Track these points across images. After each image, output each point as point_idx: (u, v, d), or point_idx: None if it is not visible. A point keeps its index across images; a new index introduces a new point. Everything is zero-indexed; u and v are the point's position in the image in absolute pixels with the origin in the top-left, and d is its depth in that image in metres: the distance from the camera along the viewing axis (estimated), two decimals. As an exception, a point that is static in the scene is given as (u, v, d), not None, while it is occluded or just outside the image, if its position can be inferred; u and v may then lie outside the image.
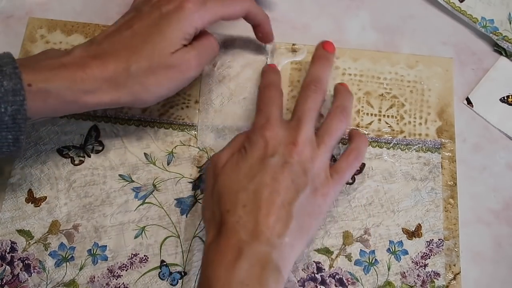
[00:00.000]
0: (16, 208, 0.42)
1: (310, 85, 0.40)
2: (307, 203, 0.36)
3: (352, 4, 0.49)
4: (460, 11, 0.48)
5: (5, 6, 0.49)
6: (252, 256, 0.34)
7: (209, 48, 0.41)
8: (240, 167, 0.37)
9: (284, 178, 0.36)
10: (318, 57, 0.43)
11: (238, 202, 0.35)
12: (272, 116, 0.39)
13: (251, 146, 0.38)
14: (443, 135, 0.44)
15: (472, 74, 0.47)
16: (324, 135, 0.39)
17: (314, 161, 0.37)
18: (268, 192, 0.35)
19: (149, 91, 0.38)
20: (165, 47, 0.37)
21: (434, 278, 0.40)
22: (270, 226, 0.34)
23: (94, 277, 0.40)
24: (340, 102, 0.41)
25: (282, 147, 0.37)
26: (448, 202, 0.42)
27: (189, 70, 0.39)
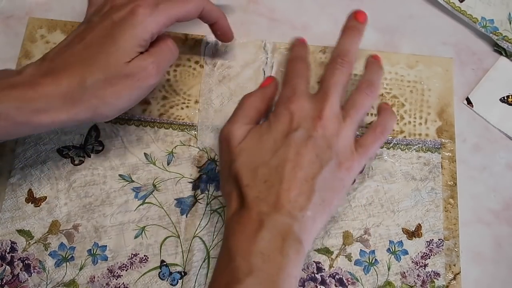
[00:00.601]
0: (16, 208, 0.42)
1: (337, 58, 0.40)
2: (330, 177, 0.36)
3: (352, 4, 0.49)
4: (460, 11, 0.48)
5: (5, 6, 0.49)
6: (274, 228, 0.33)
7: (168, 53, 0.39)
8: (263, 141, 0.37)
9: (308, 152, 0.36)
10: (348, 28, 0.41)
11: (259, 177, 0.35)
12: (298, 88, 0.38)
13: (276, 119, 0.37)
14: (443, 135, 0.44)
15: (472, 74, 0.47)
16: (350, 109, 0.39)
17: (339, 135, 0.37)
18: (291, 167, 0.35)
19: (108, 104, 0.36)
20: (120, 56, 0.36)
21: (434, 278, 0.40)
22: (292, 200, 0.34)
23: (94, 277, 0.40)
24: (368, 76, 0.41)
25: (307, 121, 0.37)
26: (448, 202, 0.42)
27: (148, 78, 0.37)
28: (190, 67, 0.47)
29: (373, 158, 0.43)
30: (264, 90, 0.41)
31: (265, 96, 0.40)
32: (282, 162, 0.35)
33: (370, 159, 0.43)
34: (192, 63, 0.47)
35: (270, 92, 0.41)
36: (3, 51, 0.47)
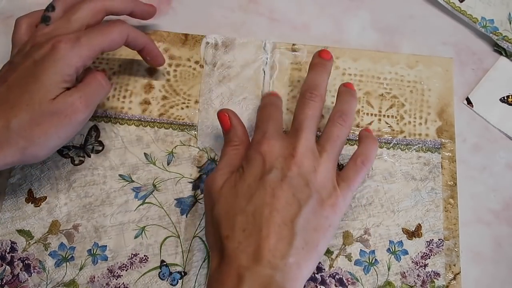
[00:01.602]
0: (16, 208, 0.42)
1: (306, 93, 0.39)
2: (312, 217, 0.34)
3: (352, 4, 0.49)
4: (460, 11, 0.48)
5: (5, 6, 0.49)
6: (254, 282, 0.32)
7: (97, 87, 0.39)
8: (238, 188, 0.35)
9: (283, 193, 0.34)
10: (315, 65, 0.41)
11: (237, 226, 0.34)
12: (268, 130, 0.37)
13: (248, 164, 0.36)
14: (443, 135, 0.44)
15: (472, 74, 0.47)
16: (325, 143, 0.37)
17: (317, 171, 0.36)
18: (268, 212, 0.34)
19: (37, 144, 0.36)
20: (44, 94, 0.35)
21: (434, 278, 0.40)
22: (272, 248, 0.33)
23: (94, 277, 0.40)
24: (339, 106, 0.40)
25: (280, 160, 0.35)
26: (448, 202, 0.42)
27: (75, 113, 0.36)
28: (190, 67, 0.47)
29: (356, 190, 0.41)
30: (238, 133, 0.39)
31: (243, 138, 0.39)
32: (259, 208, 0.34)
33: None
34: (192, 63, 0.47)
35: (243, 133, 0.40)
36: (3, 51, 0.47)
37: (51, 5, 0.40)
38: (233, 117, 0.40)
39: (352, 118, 0.39)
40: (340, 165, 0.43)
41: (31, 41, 0.38)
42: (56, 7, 0.40)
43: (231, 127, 0.39)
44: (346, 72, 0.46)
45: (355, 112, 0.42)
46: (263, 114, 0.39)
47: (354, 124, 0.44)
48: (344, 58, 0.47)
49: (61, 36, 0.37)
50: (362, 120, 0.45)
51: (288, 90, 0.46)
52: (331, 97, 0.45)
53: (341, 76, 0.46)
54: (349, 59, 0.47)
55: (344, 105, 0.40)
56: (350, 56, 0.47)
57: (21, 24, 0.41)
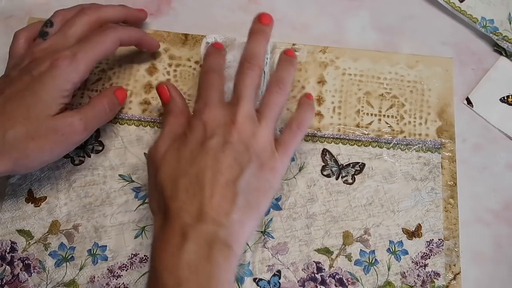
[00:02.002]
0: (16, 208, 0.42)
1: (245, 63, 0.40)
2: (253, 179, 0.36)
3: (352, 4, 0.49)
4: (460, 11, 0.48)
5: (5, 6, 0.49)
6: (198, 238, 0.33)
7: (99, 112, 0.40)
8: (181, 153, 0.36)
9: (225, 157, 0.35)
10: (253, 32, 0.42)
11: (180, 187, 0.35)
12: (209, 99, 0.38)
13: (190, 131, 0.37)
14: (443, 135, 0.44)
15: (472, 74, 0.47)
16: (264, 110, 0.39)
17: (257, 137, 0.37)
18: (211, 173, 0.35)
19: (29, 157, 0.37)
20: (41, 109, 0.37)
21: (434, 278, 0.40)
22: (215, 205, 0.34)
23: (94, 277, 0.40)
24: (278, 74, 0.41)
25: (221, 127, 0.37)
26: (448, 202, 0.42)
27: (73, 134, 0.38)
28: (190, 67, 0.47)
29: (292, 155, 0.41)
30: (178, 103, 0.40)
31: (183, 108, 0.40)
32: (202, 170, 0.35)
33: (369, 159, 0.43)
34: (192, 63, 0.47)
35: (182, 103, 0.41)
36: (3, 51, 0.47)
37: (49, 20, 0.41)
38: (172, 89, 0.41)
39: (290, 85, 0.41)
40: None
41: (29, 56, 0.39)
42: (55, 23, 0.41)
43: (171, 98, 0.41)
44: (346, 72, 0.46)
45: (293, 80, 0.42)
46: (205, 82, 0.40)
47: (354, 123, 0.44)
48: (344, 58, 0.47)
49: (58, 53, 0.38)
50: (362, 120, 0.45)
51: (288, 90, 0.46)
52: (331, 97, 0.45)
53: (341, 76, 0.46)
54: (349, 59, 0.47)
55: (282, 73, 0.41)
56: (350, 56, 0.47)
57: (20, 38, 0.42)
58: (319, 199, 0.42)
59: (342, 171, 0.43)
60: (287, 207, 0.42)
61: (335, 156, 0.44)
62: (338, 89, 0.46)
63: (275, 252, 0.41)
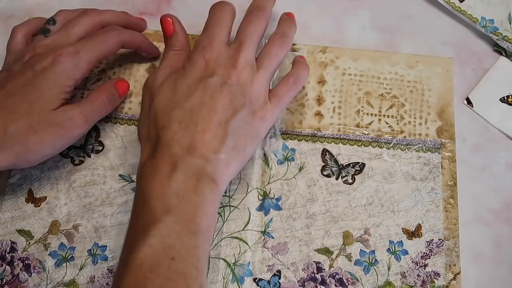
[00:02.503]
0: (16, 208, 0.42)
1: (254, 11, 0.41)
2: (244, 124, 0.37)
3: (352, 4, 0.49)
4: (460, 11, 0.48)
5: (5, 6, 0.49)
6: (187, 169, 0.34)
7: (98, 106, 0.40)
8: (178, 85, 0.37)
9: (222, 97, 0.36)
10: None
11: (174, 118, 0.35)
12: (215, 37, 0.39)
13: (190, 66, 0.38)
14: (443, 135, 0.44)
15: (472, 74, 0.47)
16: (263, 60, 0.39)
17: (253, 84, 0.38)
18: (205, 110, 0.36)
19: (31, 151, 0.37)
20: (44, 104, 0.37)
21: (434, 278, 0.40)
22: (206, 142, 0.35)
23: (94, 277, 0.40)
24: (281, 29, 0.42)
25: (222, 69, 0.37)
26: (448, 202, 0.42)
27: (73, 128, 0.38)
28: (190, 67, 0.47)
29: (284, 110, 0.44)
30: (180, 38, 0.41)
31: (184, 45, 0.41)
32: (197, 106, 0.36)
33: (369, 159, 0.43)
34: (192, 63, 0.47)
35: (184, 40, 0.41)
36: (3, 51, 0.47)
37: (52, 18, 0.42)
38: (176, 23, 0.41)
39: (291, 40, 0.42)
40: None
41: (31, 51, 0.39)
42: (57, 21, 0.42)
43: (174, 33, 0.41)
44: (346, 72, 0.46)
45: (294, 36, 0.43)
46: (214, 16, 0.40)
47: (354, 123, 0.44)
48: (344, 58, 0.47)
49: (61, 49, 0.38)
50: (362, 120, 0.45)
51: (288, 90, 0.46)
52: (331, 97, 0.45)
53: (341, 76, 0.46)
54: (349, 59, 0.47)
55: (285, 28, 0.42)
56: (350, 56, 0.47)
57: (17, 33, 0.42)
58: (319, 199, 0.42)
59: (342, 171, 0.43)
60: (287, 207, 0.42)
61: (335, 156, 0.44)
62: (338, 89, 0.46)
63: (275, 252, 0.41)
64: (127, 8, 0.49)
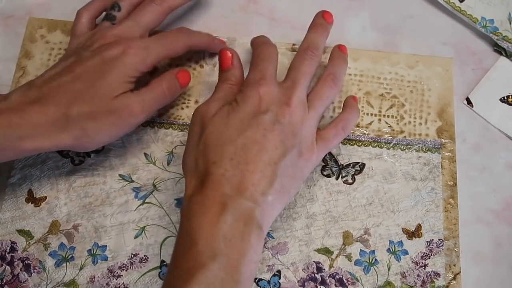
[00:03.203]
0: (16, 208, 0.42)
1: (308, 50, 0.40)
2: (291, 165, 0.36)
3: (352, 4, 0.49)
4: (460, 11, 0.48)
5: (5, 6, 0.49)
6: (236, 211, 0.33)
7: (158, 95, 0.40)
8: (231, 119, 0.36)
9: (274, 136, 0.36)
10: (317, 25, 0.43)
11: (225, 154, 0.35)
12: (268, 73, 0.38)
13: (244, 100, 0.37)
14: (443, 135, 0.44)
15: (472, 74, 0.47)
16: (314, 100, 0.39)
17: (304, 125, 0.38)
18: (256, 149, 0.35)
19: (89, 137, 0.38)
20: (107, 91, 0.37)
21: (434, 278, 0.40)
22: (255, 182, 0.34)
23: (94, 277, 0.41)
24: (332, 69, 0.42)
25: (275, 106, 0.37)
26: (448, 202, 0.42)
27: (130, 116, 0.38)
28: (190, 67, 0.47)
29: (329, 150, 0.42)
30: (236, 73, 0.41)
31: (240, 80, 0.40)
32: (249, 143, 0.35)
33: (369, 159, 0.43)
34: (192, 63, 0.47)
35: (240, 75, 0.41)
36: (3, 51, 0.47)
37: (117, 4, 0.42)
38: (235, 57, 0.41)
39: (342, 81, 0.42)
40: (340, 165, 0.43)
41: (101, 39, 0.40)
42: (122, 7, 0.42)
43: (232, 66, 0.41)
44: (346, 72, 0.46)
45: (345, 75, 0.44)
46: (263, 53, 0.40)
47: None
48: (344, 58, 0.47)
49: (132, 42, 0.39)
50: (362, 120, 0.45)
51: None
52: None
53: (341, 76, 0.46)
54: (349, 59, 0.46)
55: (337, 68, 0.42)
56: (350, 56, 0.47)
57: (82, 17, 0.43)
58: (319, 199, 0.42)
59: (342, 171, 0.43)
60: (287, 207, 0.42)
61: (335, 156, 0.44)
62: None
63: (275, 252, 0.41)
64: (127, 8, 0.49)
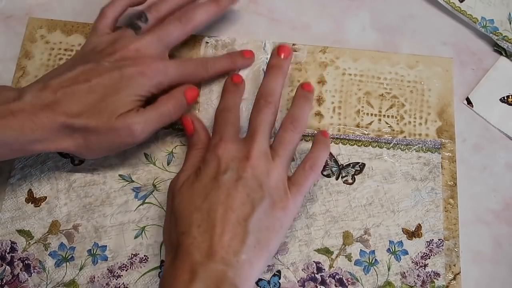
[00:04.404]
0: (16, 208, 0.42)
1: (261, 99, 0.40)
2: (265, 218, 0.36)
3: (352, 4, 0.49)
4: (460, 11, 0.48)
5: (5, 6, 0.49)
6: (207, 277, 0.33)
7: (163, 115, 0.40)
8: (195, 187, 0.36)
9: (238, 193, 0.35)
10: (271, 67, 0.43)
11: (193, 223, 0.35)
12: (225, 134, 0.38)
13: (205, 165, 0.37)
14: (443, 135, 0.44)
15: (472, 74, 0.47)
16: (278, 148, 0.39)
17: (270, 174, 0.37)
18: (222, 210, 0.35)
19: (89, 148, 0.38)
20: (115, 109, 0.38)
21: (434, 278, 0.40)
22: (225, 244, 0.34)
23: (94, 277, 0.40)
24: (292, 111, 0.41)
25: (236, 162, 0.37)
26: (448, 202, 0.42)
27: (129, 137, 0.38)
28: (190, 67, 0.46)
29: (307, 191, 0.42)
30: (201, 137, 0.41)
31: (207, 142, 0.40)
32: (214, 206, 0.35)
33: (369, 159, 0.43)
34: (192, 63, 0.47)
35: (205, 138, 0.41)
36: (3, 51, 0.47)
37: (144, 15, 0.42)
38: (196, 122, 0.41)
39: (304, 123, 0.41)
40: (340, 165, 0.43)
41: (122, 48, 0.40)
42: (149, 19, 0.42)
43: (194, 132, 0.41)
44: (346, 72, 0.46)
45: (309, 116, 0.43)
46: (220, 119, 0.40)
47: (354, 123, 0.44)
48: (344, 58, 0.47)
49: (152, 63, 0.39)
50: (362, 120, 0.45)
51: (288, 90, 0.46)
52: (331, 97, 0.45)
53: (341, 76, 0.46)
54: (349, 59, 0.47)
55: (297, 110, 0.41)
56: (350, 56, 0.47)
57: (107, 16, 0.42)
58: (319, 199, 0.42)
59: (342, 171, 0.43)
60: (287, 207, 0.42)
61: (335, 156, 0.44)
62: (338, 89, 0.46)
63: (275, 252, 0.41)
64: (127, 8, 0.49)
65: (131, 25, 0.42)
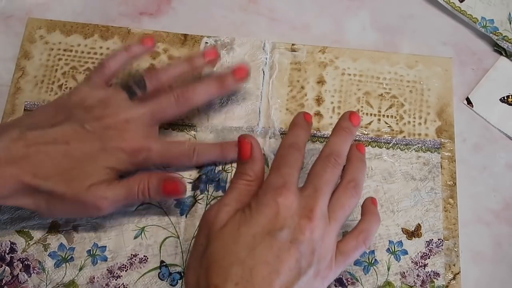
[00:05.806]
0: (16, 208, 0.42)
1: (331, 158, 0.36)
2: (305, 286, 0.32)
3: (352, 4, 0.49)
4: (460, 11, 0.48)
5: (5, 6, 0.49)
6: None
7: (129, 197, 0.38)
8: (241, 234, 0.32)
9: (289, 257, 0.32)
10: (342, 129, 0.38)
11: (230, 277, 0.31)
12: (289, 180, 0.34)
13: (258, 210, 0.33)
14: (443, 135, 0.44)
15: (472, 74, 0.47)
16: (338, 211, 0.35)
17: (324, 240, 0.33)
18: (266, 272, 0.31)
19: (49, 210, 0.37)
20: (87, 178, 0.36)
21: (434, 278, 0.40)
22: None
23: (93, 277, 0.40)
24: (353, 175, 0.37)
25: (295, 220, 0.33)
26: (448, 202, 0.42)
27: (95, 210, 0.37)
28: (189, 67, 0.46)
29: None
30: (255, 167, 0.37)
31: (259, 175, 0.37)
32: (259, 264, 0.31)
33: (369, 159, 0.43)
34: (191, 63, 0.47)
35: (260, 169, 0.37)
36: (3, 51, 0.47)
37: (143, 82, 0.40)
38: (256, 148, 0.37)
39: (362, 187, 0.37)
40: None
41: (112, 115, 0.38)
42: (148, 88, 0.40)
43: (250, 159, 0.37)
44: (346, 72, 0.46)
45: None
46: (287, 157, 0.36)
47: (354, 124, 0.44)
48: (343, 58, 0.47)
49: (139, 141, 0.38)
50: (362, 120, 0.45)
51: (287, 90, 0.46)
52: (331, 97, 0.45)
53: (341, 76, 0.46)
54: (348, 59, 0.47)
55: (358, 174, 0.37)
56: (349, 56, 0.47)
57: (106, 69, 0.40)
58: (319, 199, 0.42)
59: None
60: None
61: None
62: (337, 89, 0.46)
63: (274, 252, 0.41)
64: (127, 8, 0.49)
65: (127, 90, 0.39)
